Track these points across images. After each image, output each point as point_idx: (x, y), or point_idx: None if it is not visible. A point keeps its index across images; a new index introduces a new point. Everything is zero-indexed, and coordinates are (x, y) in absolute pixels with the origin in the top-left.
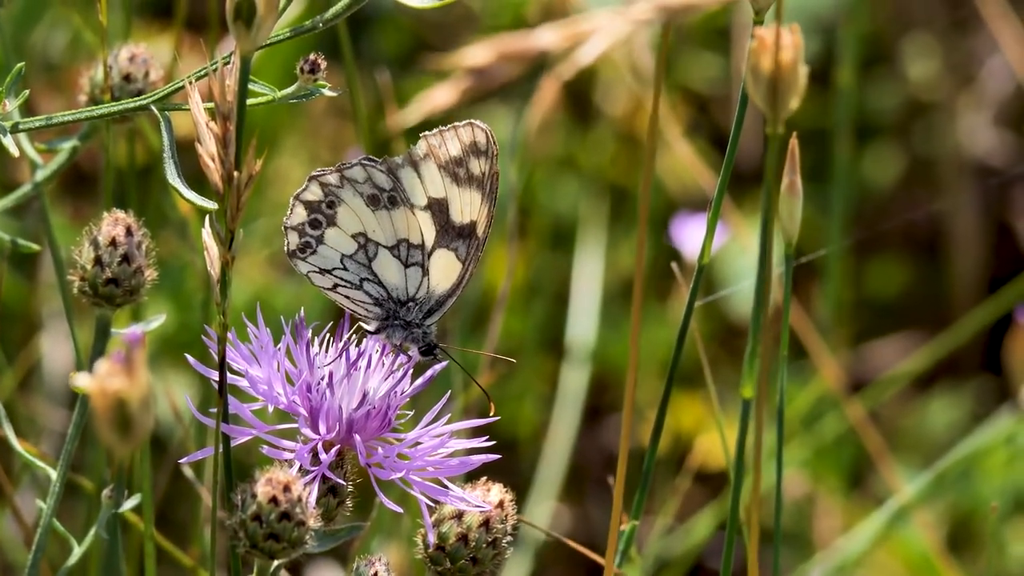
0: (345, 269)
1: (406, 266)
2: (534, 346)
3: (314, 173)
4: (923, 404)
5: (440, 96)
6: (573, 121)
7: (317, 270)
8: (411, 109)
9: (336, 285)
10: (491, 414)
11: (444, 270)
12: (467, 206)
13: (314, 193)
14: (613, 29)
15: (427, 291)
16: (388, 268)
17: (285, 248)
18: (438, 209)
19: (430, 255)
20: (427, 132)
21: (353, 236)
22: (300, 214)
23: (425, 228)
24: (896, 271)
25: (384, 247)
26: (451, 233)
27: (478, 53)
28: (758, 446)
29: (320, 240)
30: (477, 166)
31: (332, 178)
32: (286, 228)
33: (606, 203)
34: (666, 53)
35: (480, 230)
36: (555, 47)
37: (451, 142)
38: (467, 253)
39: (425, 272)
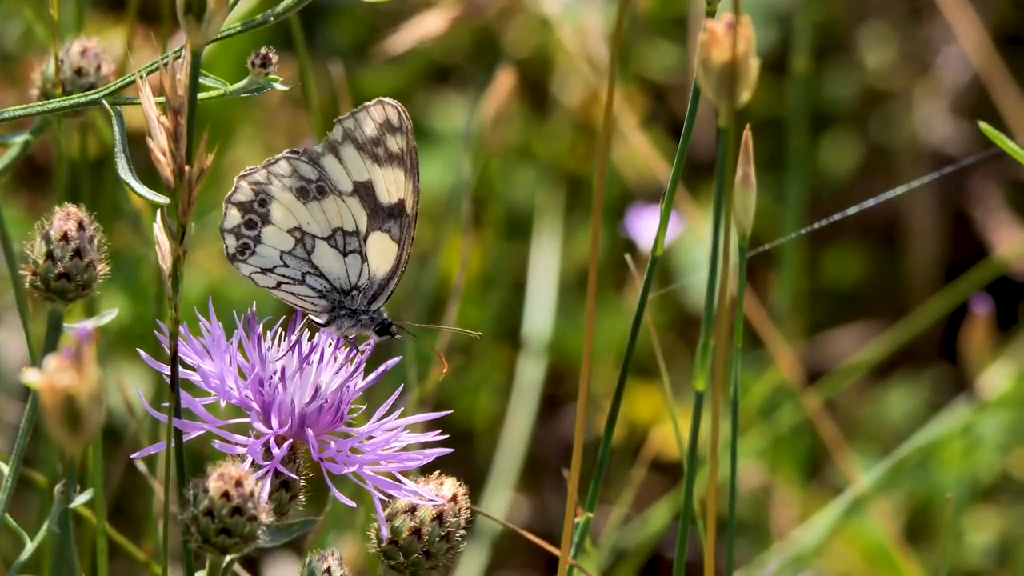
0: (286, 266)
1: (344, 255)
2: (491, 337)
3: (242, 173)
4: (880, 393)
5: (430, 23)
6: (529, 111)
7: (259, 270)
8: (401, 36)
9: (280, 283)
10: (443, 371)
11: (381, 253)
12: (392, 185)
13: (244, 193)
14: None
15: (368, 277)
16: (327, 259)
17: (225, 252)
18: (365, 192)
19: (365, 240)
20: (340, 116)
21: (289, 231)
22: (234, 216)
23: (356, 214)
24: (853, 260)
25: (320, 238)
26: (382, 215)
27: None
28: (715, 438)
29: (258, 240)
30: (395, 143)
31: (259, 175)
32: (223, 231)
33: (562, 193)
34: (619, 43)
35: (409, 207)
36: None
37: (365, 123)
38: (400, 233)
39: (364, 258)
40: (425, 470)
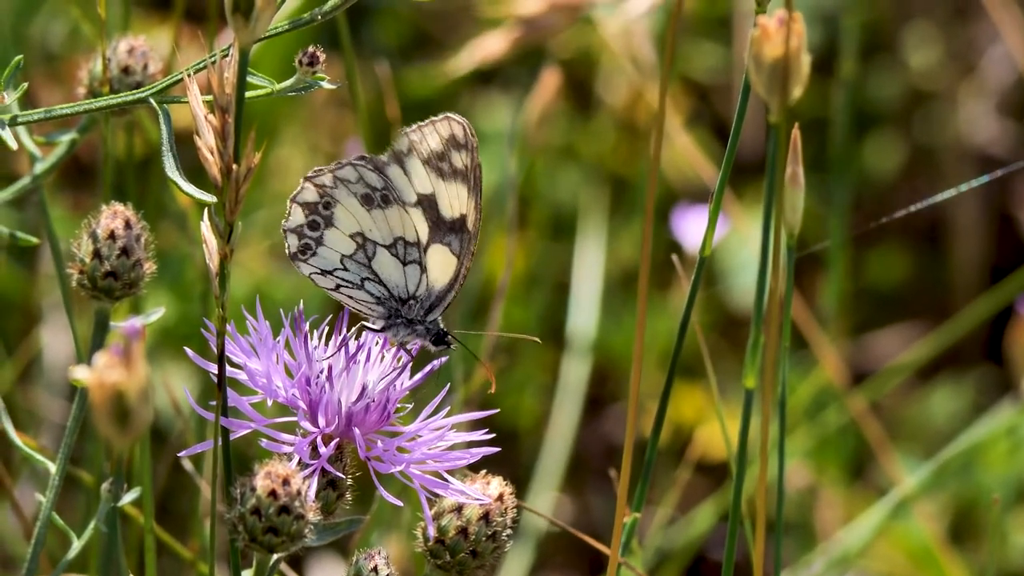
0: (346, 270)
1: (404, 264)
2: (535, 336)
3: (308, 175)
4: (925, 395)
5: (491, 44)
6: (574, 111)
7: (319, 271)
8: (463, 57)
9: (339, 286)
10: (491, 391)
11: (441, 265)
12: (455, 200)
13: (310, 194)
14: None
15: (427, 288)
16: (387, 267)
17: (287, 251)
18: (428, 205)
19: (426, 251)
20: (406, 128)
21: (351, 236)
22: (298, 216)
23: (419, 225)
24: (897, 261)
25: (382, 246)
26: (443, 228)
27: (529, 2)
28: (764, 436)
29: (319, 241)
30: (459, 160)
31: (326, 179)
32: (285, 231)
33: (607, 193)
34: (672, 45)
35: (470, 223)
36: None
37: (431, 137)
38: (460, 247)
39: (423, 269)
40: (470, 470)
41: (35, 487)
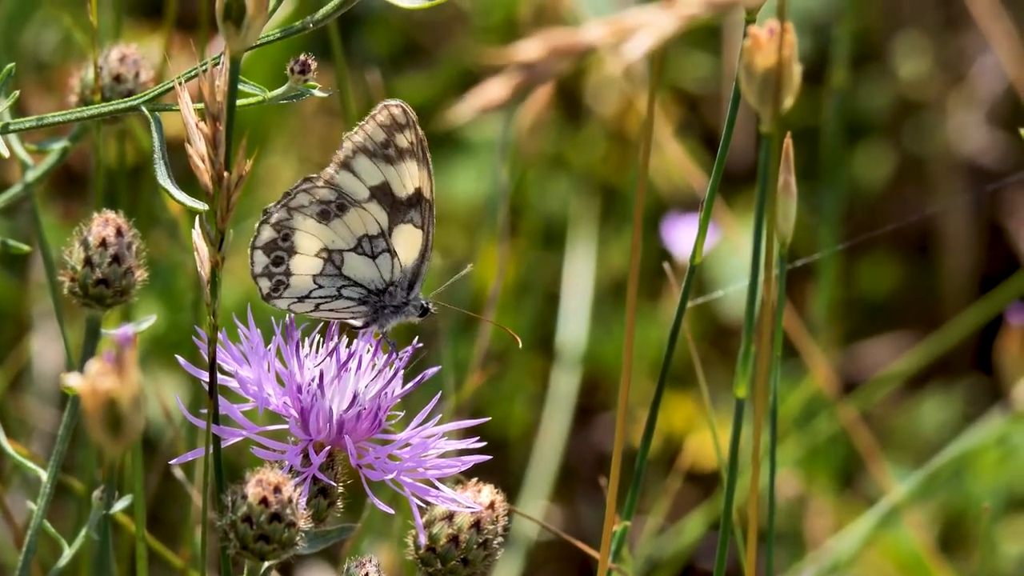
0: (320, 287)
1: (374, 257)
2: (525, 346)
3: (262, 217)
4: (915, 404)
5: (493, 91)
6: (564, 120)
7: (295, 300)
8: (464, 106)
9: (318, 305)
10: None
11: (408, 242)
12: (407, 178)
13: (268, 235)
14: (660, 24)
15: (400, 269)
16: (358, 267)
17: (260, 294)
18: (381, 194)
19: (390, 234)
20: (347, 133)
21: (316, 255)
22: (261, 260)
23: (378, 216)
24: (887, 271)
25: (348, 250)
26: (402, 208)
27: (529, 48)
28: (756, 445)
29: (288, 273)
30: (404, 140)
31: (281, 215)
32: (255, 277)
33: (597, 202)
34: (663, 55)
35: (427, 192)
36: (603, 42)
37: (373, 131)
38: (423, 218)
39: (392, 253)
40: (462, 477)
41: (26, 495)
